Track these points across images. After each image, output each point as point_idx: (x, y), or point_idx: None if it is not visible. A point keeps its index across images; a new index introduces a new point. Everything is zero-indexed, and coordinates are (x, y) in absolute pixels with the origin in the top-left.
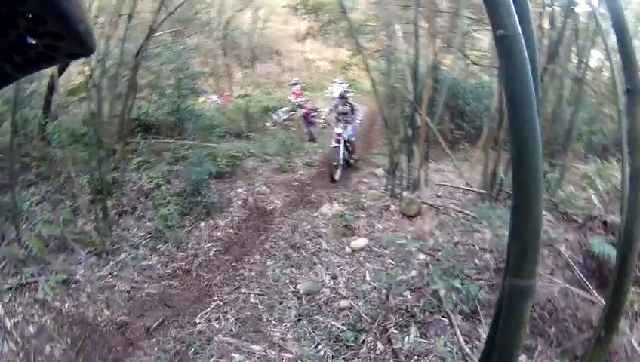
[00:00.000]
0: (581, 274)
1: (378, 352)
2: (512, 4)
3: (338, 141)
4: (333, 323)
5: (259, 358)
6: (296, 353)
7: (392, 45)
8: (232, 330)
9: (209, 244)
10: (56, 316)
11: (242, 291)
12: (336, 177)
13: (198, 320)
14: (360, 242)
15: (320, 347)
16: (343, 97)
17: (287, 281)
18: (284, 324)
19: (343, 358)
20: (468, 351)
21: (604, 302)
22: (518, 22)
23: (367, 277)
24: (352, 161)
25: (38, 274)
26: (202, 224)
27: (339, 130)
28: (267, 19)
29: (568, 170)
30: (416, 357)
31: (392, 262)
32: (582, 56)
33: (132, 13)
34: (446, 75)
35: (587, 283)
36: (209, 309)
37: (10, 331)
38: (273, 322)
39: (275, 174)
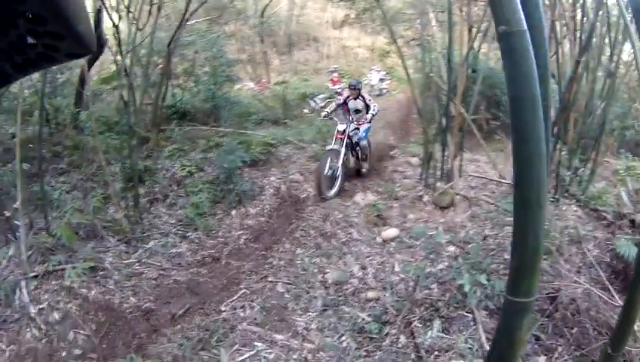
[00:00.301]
0: (606, 275)
1: (400, 345)
2: None
3: (340, 141)
4: (359, 314)
5: (281, 347)
6: (319, 343)
7: (427, 33)
8: (256, 319)
9: (239, 232)
10: (82, 303)
11: (270, 280)
12: (330, 192)
13: (223, 308)
14: (391, 232)
15: (343, 338)
16: (355, 88)
17: (315, 270)
18: (309, 314)
19: (365, 350)
20: (488, 348)
21: None
22: (523, 17)
23: (397, 269)
24: (363, 170)
25: (66, 261)
26: (233, 212)
27: (342, 127)
28: (304, 7)
29: (600, 165)
30: (436, 353)
31: (422, 254)
32: (614, 49)
33: (162, 3)
34: (482, 64)
35: (610, 285)
36: (235, 297)
37: (34, 318)
38: (299, 311)
39: (310, 162)
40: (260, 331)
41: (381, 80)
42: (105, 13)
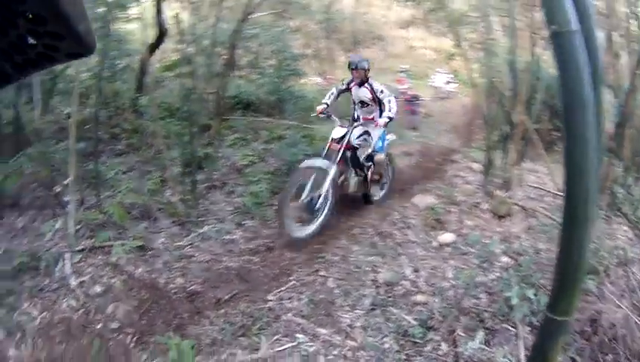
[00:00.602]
0: None
1: (441, 353)
2: None
3: (335, 154)
4: (405, 316)
5: (323, 342)
6: (361, 342)
7: (491, 38)
8: (302, 311)
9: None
10: (126, 279)
11: (321, 274)
12: (303, 231)
13: (270, 298)
14: (447, 237)
15: (386, 339)
16: (356, 68)
17: (368, 269)
18: (356, 311)
19: (406, 354)
20: None
21: None
22: (574, 16)
23: (449, 275)
24: (374, 197)
25: (115, 238)
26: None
27: (338, 133)
28: (369, 5)
29: None
30: None
31: (475, 262)
32: None
33: None
34: (544, 72)
35: None
36: (284, 288)
37: (73, 289)
38: (346, 308)
39: None
40: (305, 323)
41: (447, 82)
42: (166, 3)
